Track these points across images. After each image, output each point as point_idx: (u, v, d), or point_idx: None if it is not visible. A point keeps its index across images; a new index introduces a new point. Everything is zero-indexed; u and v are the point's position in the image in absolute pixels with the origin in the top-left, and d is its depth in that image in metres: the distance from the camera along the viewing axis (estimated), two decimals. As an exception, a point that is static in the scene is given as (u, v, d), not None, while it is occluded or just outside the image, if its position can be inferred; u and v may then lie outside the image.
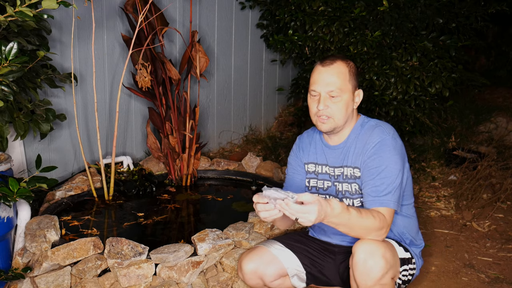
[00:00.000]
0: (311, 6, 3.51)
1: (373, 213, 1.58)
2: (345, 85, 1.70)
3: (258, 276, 1.82)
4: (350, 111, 1.74)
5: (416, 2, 3.39)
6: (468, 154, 3.54)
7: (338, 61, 1.71)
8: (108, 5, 2.97)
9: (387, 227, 1.62)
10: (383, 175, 1.65)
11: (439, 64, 3.32)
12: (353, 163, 1.76)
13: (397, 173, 1.66)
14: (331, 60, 1.71)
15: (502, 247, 2.59)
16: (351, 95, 1.73)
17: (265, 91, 4.30)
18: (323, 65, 1.71)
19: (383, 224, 1.60)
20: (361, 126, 1.79)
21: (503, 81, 4.99)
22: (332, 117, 1.72)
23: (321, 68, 1.72)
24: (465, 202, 3.08)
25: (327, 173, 1.85)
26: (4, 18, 1.67)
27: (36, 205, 2.53)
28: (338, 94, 1.69)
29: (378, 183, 1.65)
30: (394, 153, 1.68)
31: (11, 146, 2.53)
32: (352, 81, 1.72)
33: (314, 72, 1.74)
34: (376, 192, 1.65)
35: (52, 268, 2.01)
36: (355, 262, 1.59)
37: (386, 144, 1.69)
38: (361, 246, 1.59)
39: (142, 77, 2.72)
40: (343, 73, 1.70)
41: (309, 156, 1.92)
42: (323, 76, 1.70)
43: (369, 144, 1.71)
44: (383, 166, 1.66)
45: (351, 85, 1.72)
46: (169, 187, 3.02)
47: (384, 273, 1.57)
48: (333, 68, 1.70)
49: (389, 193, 1.64)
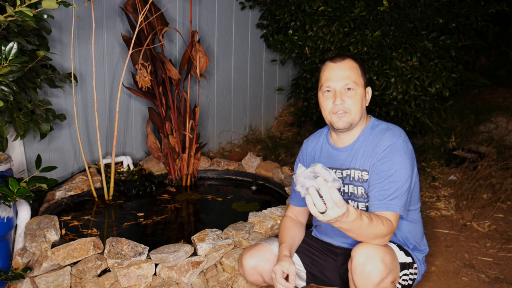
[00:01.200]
0: (311, 6, 3.51)
1: (382, 220, 1.57)
2: (359, 79, 1.72)
3: (258, 272, 1.82)
4: (364, 107, 1.76)
5: (416, 2, 3.39)
6: (468, 154, 3.54)
7: (348, 58, 1.75)
8: (108, 5, 2.97)
9: (391, 233, 1.61)
10: (391, 179, 1.64)
11: (439, 64, 3.32)
12: (361, 165, 1.74)
13: (406, 178, 1.65)
14: (341, 57, 1.74)
15: (502, 247, 2.59)
16: (363, 90, 1.74)
17: (265, 91, 4.30)
18: (335, 62, 1.73)
19: (390, 230, 1.59)
20: (371, 129, 1.77)
21: (503, 81, 5.00)
22: (349, 112, 1.71)
23: (333, 64, 1.73)
24: (465, 202, 3.07)
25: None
26: (4, 18, 1.67)
27: (36, 205, 2.53)
28: (353, 87, 1.70)
29: (386, 187, 1.64)
30: (405, 157, 1.67)
31: (11, 146, 2.53)
32: (363, 77, 1.75)
33: (325, 70, 1.75)
34: (384, 195, 1.64)
35: (52, 268, 2.01)
36: (354, 266, 1.58)
37: (397, 148, 1.67)
38: (360, 250, 1.58)
39: (142, 77, 2.72)
40: (355, 67, 1.73)
41: (314, 160, 1.91)
42: (337, 71, 1.71)
43: (379, 147, 1.70)
44: (392, 170, 1.65)
45: (363, 80, 1.75)
46: (169, 187, 3.02)
47: (383, 277, 1.56)
48: (346, 63, 1.72)
49: (396, 198, 1.63)
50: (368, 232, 1.52)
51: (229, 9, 3.78)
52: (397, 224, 1.66)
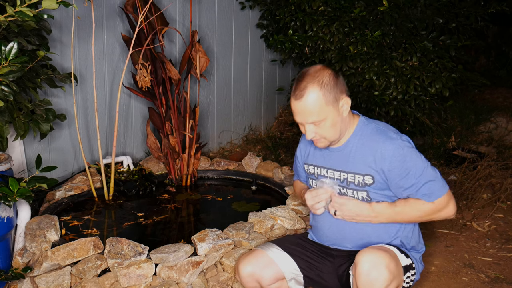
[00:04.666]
0: (311, 6, 3.51)
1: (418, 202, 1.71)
2: (323, 110, 1.65)
3: (255, 279, 1.81)
4: (340, 124, 1.72)
5: (416, 2, 3.39)
6: (468, 154, 3.54)
7: (309, 87, 1.65)
8: (108, 5, 2.98)
9: (442, 210, 1.72)
10: (416, 173, 1.68)
11: (439, 64, 3.32)
12: (362, 170, 1.73)
13: (423, 164, 1.69)
14: (301, 90, 1.66)
15: (502, 247, 2.59)
16: (335, 112, 1.68)
17: (265, 91, 4.30)
18: (296, 98, 1.67)
19: (434, 208, 1.70)
20: (362, 130, 1.76)
21: (503, 81, 5.01)
22: (324, 137, 1.72)
23: (295, 101, 1.68)
24: (465, 202, 3.08)
25: (327, 176, 1.84)
26: (4, 18, 1.67)
27: (36, 205, 2.53)
28: (318, 119, 1.66)
29: (420, 183, 1.68)
30: (412, 153, 1.69)
31: (11, 146, 2.53)
32: (331, 98, 1.66)
33: (291, 103, 1.71)
34: (423, 191, 1.69)
35: (52, 268, 2.01)
36: (359, 273, 1.57)
37: (403, 150, 1.68)
38: (364, 256, 1.57)
39: (142, 77, 2.72)
40: (316, 100, 1.64)
41: (308, 157, 1.91)
42: (299, 109, 1.67)
43: (382, 154, 1.68)
44: (410, 169, 1.68)
45: (331, 105, 1.66)
46: (169, 187, 3.02)
47: (388, 284, 1.55)
48: (306, 99, 1.64)
49: (432, 185, 1.69)
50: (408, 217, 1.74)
51: (229, 9, 3.78)
52: (450, 198, 1.73)
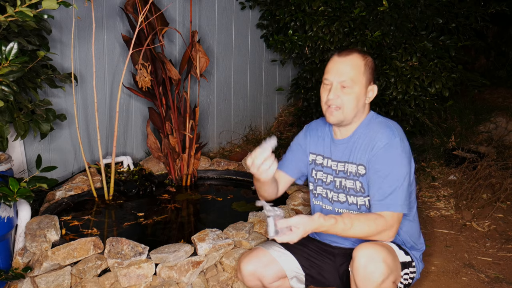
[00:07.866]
0: (311, 6, 3.51)
1: (372, 217, 1.62)
2: (358, 77, 1.69)
3: (257, 278, 1.81)
4: (360, 105, 1.73)
5: (416, 2, 3.39)
6: (468, 154, 3.54)
7: (355, 53, 1.71)
8: (108, 5, 2.98)
9: (390, 229, 1.63)
10: (389, 178, 1.65)
11: (439, 64, 3.32)
12: (358, 160, 1.74)
13: (404, 176, 1.66)
14: (348, 52, 1.72)
15: (502, 247, 2.59)
16: (363, 89, 1.71)
17: (265, 91, 4.30)
18: (339, 56, 1.72)
19: (384, 227, 1.61)
20: (369, 122, 1.77)
21: (503, 81, 5.00)
22: (342, 108, 1.70)
23: (337, 58, 1.72)
24: (465, 202, 3.08)
25: (330, 167, 1.84)
26: (4, 18, 1.67)
27: (36, 205, 2.53)
28: (349, 85, 1.68)
29: (385, 186, 1.65)
30: (402, 156, 1.67)
31: (11, 146, 2.53)
32: (367, 75, 1.71)
33: (330, 61, 1.74)
34: (382, 195, 1.65)
35: (52, 268, 2.01)
36: (356, 267, 1.58)
37: (394, 146, 1.67)
38: (361, 251, 1.58)
39: (142, 77, 2.72)
40: (358, 65, 1.69)
41: (316, 146, 1.90)
42: (338, 66, 1.70)
43: (375, 141, 1.70)
44: (389, 169, 1.65)
45: (365, 79, 1.71)
46: (169, 187, 3.02)
47: (385, 278, 1.56)
48: (349, 59, 1.70)
49: (394, 197, 1.64)
50: (353, 233, 1.61)
51: (229, 9, 3.78)
52: (398, 222, 1.67)
